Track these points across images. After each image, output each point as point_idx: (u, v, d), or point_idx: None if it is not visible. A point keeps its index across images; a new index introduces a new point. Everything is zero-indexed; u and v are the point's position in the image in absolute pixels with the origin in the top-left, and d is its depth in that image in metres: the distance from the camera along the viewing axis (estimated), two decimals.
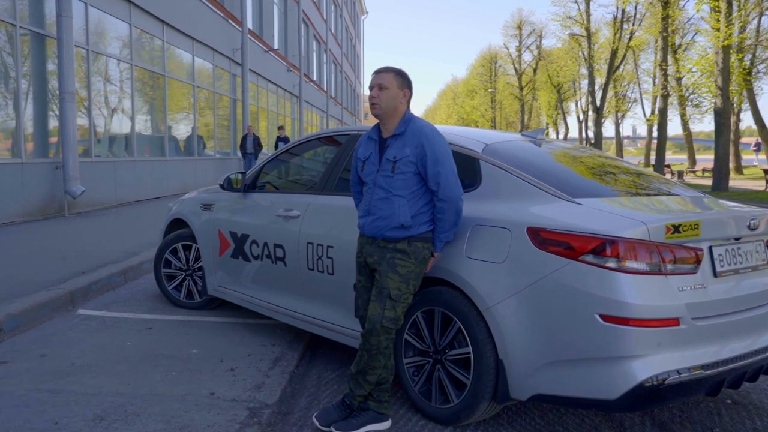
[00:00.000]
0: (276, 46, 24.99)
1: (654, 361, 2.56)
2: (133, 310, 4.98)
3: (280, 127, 18.06)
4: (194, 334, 4.39)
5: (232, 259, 4.54)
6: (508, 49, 55.80)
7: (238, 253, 4.47)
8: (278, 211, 4.14)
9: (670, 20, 26.98)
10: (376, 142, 3.08)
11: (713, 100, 20.13)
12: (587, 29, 35.75)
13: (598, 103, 34.25)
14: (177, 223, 5.31)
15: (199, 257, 5.00)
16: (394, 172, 2.95)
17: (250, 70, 18.83)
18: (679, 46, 30.50)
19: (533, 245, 2.77)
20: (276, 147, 17.29)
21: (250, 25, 20.53)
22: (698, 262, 2.74)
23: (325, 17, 38.38)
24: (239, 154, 17.57)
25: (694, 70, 23.99)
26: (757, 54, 28.08)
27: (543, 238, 2.76)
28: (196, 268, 5.06)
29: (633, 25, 32.64)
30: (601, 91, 34.73)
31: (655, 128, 33.70)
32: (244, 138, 16.79)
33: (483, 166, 3.22)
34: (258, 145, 16.66)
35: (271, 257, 4.14)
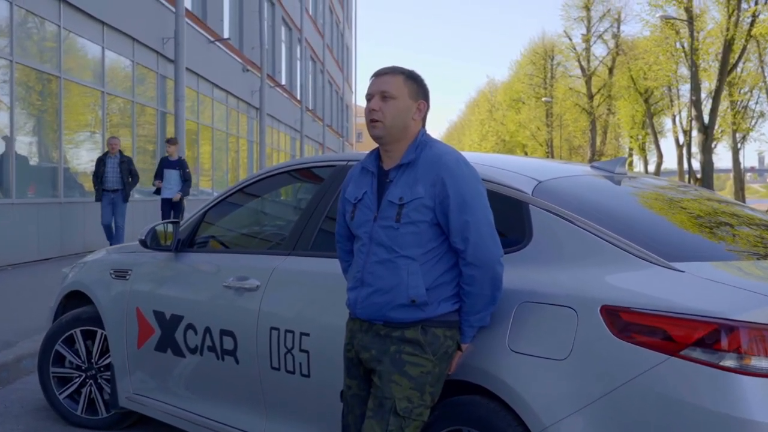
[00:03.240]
0: (226, 35, 25.52)
1: None
2: None
3: (170, 142, 15.02)
4: None
5: (156, 353, 4.52)
6: (570, 39, 56.84)
7: (165, 344, 4.46)
8: (227, 280, 4.15)
9: None
10: (374, 177, 3.13)
11: None
12: (688, 10, 36.44)
13: (705, 118, 34.64)
14: (75, 299, 5.32)
15: (108, 350, 4.99)
16: (400, 221, 2.99)
17: (187, 69, 19.17)
18: None
19: (611, 333, 2.77)
20: (158, 177, 14.76)
21: (188, 4, 21.02)
22: None
23: None
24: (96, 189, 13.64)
25: None
26: None
27: (626, 322, 2.76)
28: (103, 367, 5.03)
29: (756, 4, 33.28)
30: (710, 100, 35.16)
31: None
32: (101, 162, 13.54)
33: (534, 214, 3.25)
34: (131, 174, 13.69)
35: (215, 350, 4.14)
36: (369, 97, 3.11)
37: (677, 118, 49.59)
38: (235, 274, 4.13)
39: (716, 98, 33.69)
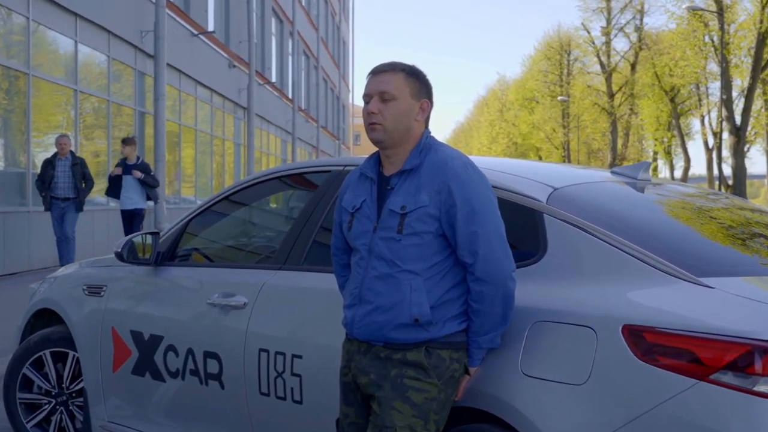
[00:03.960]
0: (211, 28, 25.59)
1: None
2: None
3: (126, 142, 13.87)
4: None
5: (134, 377, 4.52)
6: (588, 33, 56.98)
7: (144, 368, 4.46)
8: (212, 297, 4.15)
9: None
10: (374, 183, 3.14)
11: None
12: (718, 1, 36.52)
13: (737, 119, 34.68)
14: (44, 317, 5.32)
15: (80, 374, 4.98)
16: (402, 232, 2.99)
17: (168, 65, 19.19)
18: None
19: (634, 355, 2.77)
20: (113, 183, 13.71)
21: None
22: None
23: None
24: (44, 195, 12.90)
25: None
26: None
27: (650, 343, 2.76)
28: (75, 392, 5.03)
29: None
30: (742, 99, 35.21)
31: None
32: (50, 165, 12.79)
33: (549, 224, 3.26)
34: (85, 178, 12.97)
35: (198, 374, 4.14)
36: (367, 98, 3.11)
37: (706, 119, 49.66)
38: (221, 291, 4.13)
39: (749, 97, 33.76)
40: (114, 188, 13.80)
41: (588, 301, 2.97)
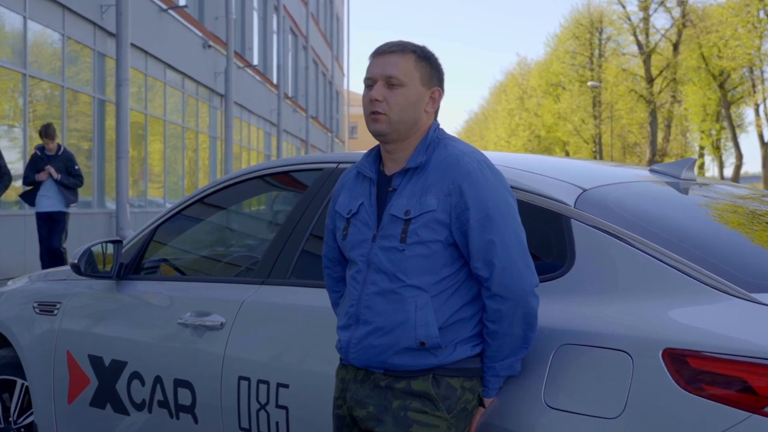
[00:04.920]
0: (182, 2, 25.58)
1: None
2: None
3: (45, 133, 13.12)
4: None
5: (92, 410, 4.53)
6: (623, 8, 56.99)
7: (104, 398, 4.47)
8: (183, 316, 4.16)
9: None
10: (373, 184, 3.14)
11: None
12: None
13: None
14: None
15: (30, 405, 4.98)
16: (406, 240, 3.00)
17: (132, 45, 19.20)
18: None
19: (677, 384, 2.77)
20: (29, 177, 12.94)
21: None
22: None
23: None
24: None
25: None
26: None
27: (695, 370, 2.76)
28: (23, 427, 5.03)
29: None
30: None
31: None
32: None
33: (577, 231, 3.27)
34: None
35: (168, 406, 4.14)
36: (370, 81, 3.10)
37: (761, 108, 49.55)
38: (194, 309, 4.14)
39: None
40: (30, 194, 13.08)
41: (622, 321, 2.98)
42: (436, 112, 3.16)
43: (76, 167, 13.26)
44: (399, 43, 3.13)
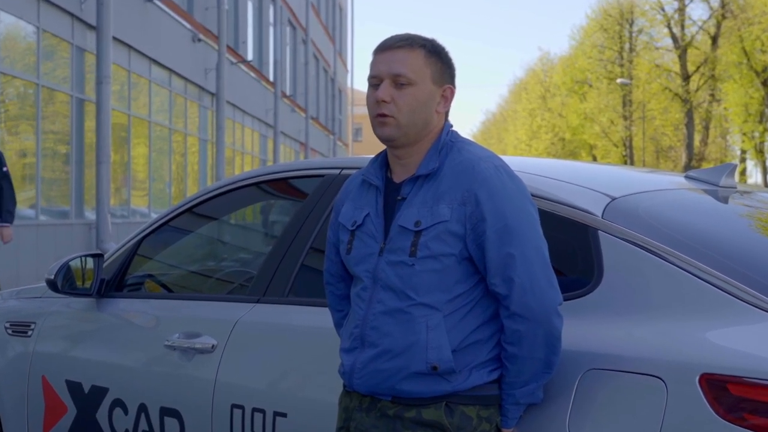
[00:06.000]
0: None
1: None
2: None
3: None
4: None
5: None
6: None
7: (83, 428, 4.47)
8: (171, 337, 4.16)
9: None
10: (380, 192, 3.15)
11: None
12: None
13: None
14: None
15: None
16: (416, 254, 3.00)
17: (114, 38, 19.21)
18: None
19: (715, 413, 2.77)
20: None
21: None
22: None
23: None
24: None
25: None
26: None
27: (736, 398, 2.76)
28: None
29: None
30: None
31: None
32: None
33: (606, 244, 3.27)
34: None
35: None
36: (375, 80, 3.10)
37: None
38: (182, 330, 4.15)
39: None
40: None
41: (655, 343, 2.97)
42: (447, 112, 3.16)
43: (5, 170, 11.81)
44: (406, 36, 3.12)
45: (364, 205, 3.15)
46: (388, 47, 3.09)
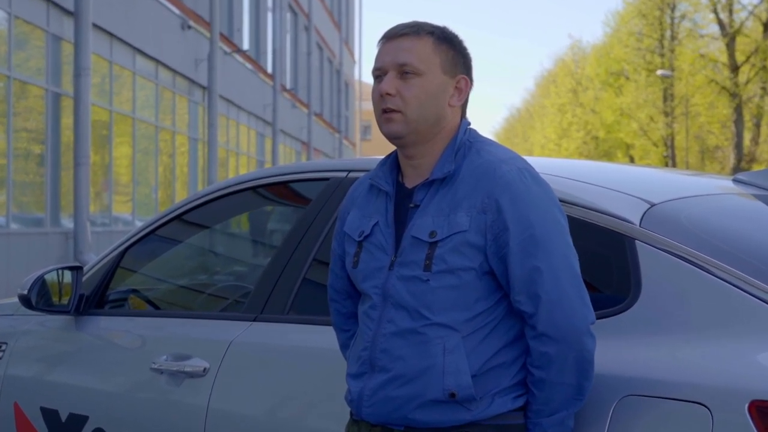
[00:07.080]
0: None
1: None
2: None
3: None
4: None
5: None
6: None
7: None
8: (158, 359, 4.17)
9: None
10: (390, 199, 3.14)
11: None
12: None
13: None
14: None
15: None
16: (431, 269, 2.99)
17: (94, 25, 19.30)
18: None
19: None
20: None
21: None
22: None
23: None
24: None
25: None
26: None
27: None
28: None
29: None
30: None
31: None
32: None
33: (644, 256, 3.26)
34: None
35: None
36: (379, 72, 3.11)
37: None
38: (170, 351, 4.15)
39: None
40: None
41: (699, 367, 2.97)
42: (464, 108, 3.16)
43: None
44: (413, 24, 3.12)
45: (373, 213, 3.15)
46: (392, 36, 3.10)
